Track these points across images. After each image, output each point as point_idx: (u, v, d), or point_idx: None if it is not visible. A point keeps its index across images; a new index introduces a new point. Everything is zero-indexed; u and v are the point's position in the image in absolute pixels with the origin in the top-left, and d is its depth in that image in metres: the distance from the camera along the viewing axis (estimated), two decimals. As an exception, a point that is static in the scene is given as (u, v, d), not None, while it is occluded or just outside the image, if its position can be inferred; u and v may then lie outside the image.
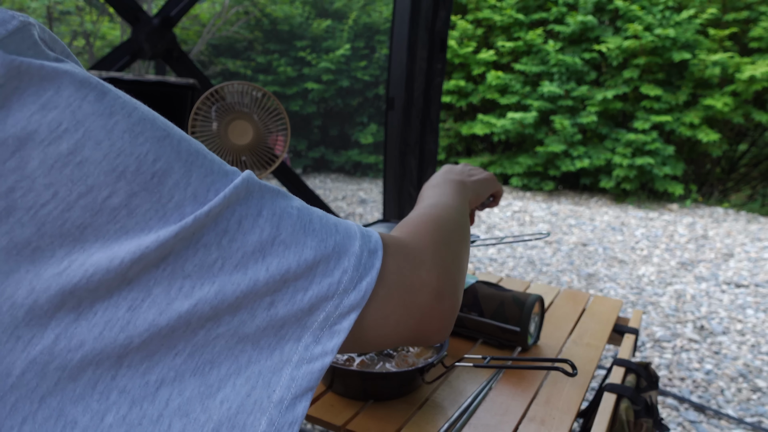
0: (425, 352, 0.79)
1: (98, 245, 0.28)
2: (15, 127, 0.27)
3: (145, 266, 0.29)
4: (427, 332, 0.41)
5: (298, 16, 6.96)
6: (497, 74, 6.28)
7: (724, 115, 5.46)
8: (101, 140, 0.29)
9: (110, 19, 6.71)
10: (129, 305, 0.29)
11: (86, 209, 0.28)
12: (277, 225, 0.33)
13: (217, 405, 0.30)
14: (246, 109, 1.18)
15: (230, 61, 6.95)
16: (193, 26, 6.90)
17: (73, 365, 0.28)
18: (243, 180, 0.33)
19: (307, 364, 0.33)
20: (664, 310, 2.90)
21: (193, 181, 0.31)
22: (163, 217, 0.30)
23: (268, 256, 0.32)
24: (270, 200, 0.34)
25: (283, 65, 6.78)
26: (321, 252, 0.34)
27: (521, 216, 4.92)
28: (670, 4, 5.76)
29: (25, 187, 0.27)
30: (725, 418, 1.97)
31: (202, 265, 0.30)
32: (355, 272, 0.36)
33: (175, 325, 0.29)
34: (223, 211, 0.31)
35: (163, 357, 0.29)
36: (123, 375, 0.29)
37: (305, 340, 0.33)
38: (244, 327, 0.31)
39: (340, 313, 0.34)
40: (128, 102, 0.31)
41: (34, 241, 0.27)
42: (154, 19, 2.46)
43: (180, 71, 2.61)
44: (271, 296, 0.32)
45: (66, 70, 0.29)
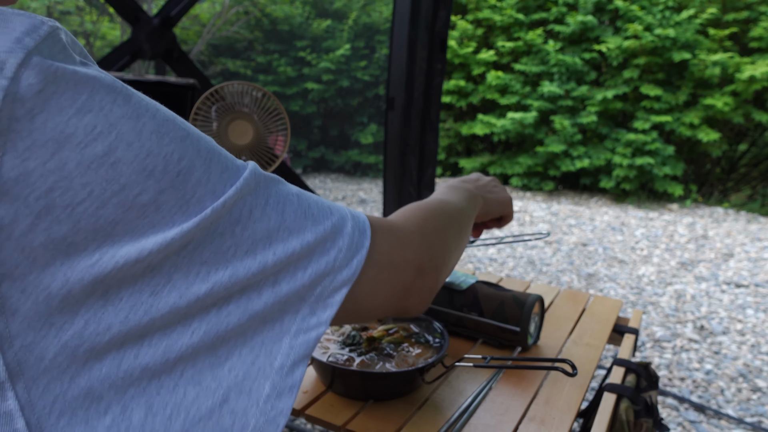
0: (425, 352, 0.79)
1: (127, 238, 0.30)
2: (54, 130, 0.28)
3: (167, 255, 0.31)
4: (408, 306, 0.46)
5: (298, 16, 6.96)
6: (497, 74, 6.28)
7: (724, 115, 5.46)
8: (132, 142, 0.30)
9: (110, 19, 6.70)
10: (152, 290, 0.31)
11: (119, 206, 0.30)
12: (282, 212, 0.36)
13: (225, 373, 0.33)
14: (246, 109, 1.18)
15: (230, 61, 6.95)
16: (193, 26, 6.90)
17: (100, 347, 0.30)
18: (251, 172, 0.36)
19: (303, 334, 0.36)
20: (664, 310, 2.90)
21: (212, 177, 0.34)
22: (186, 211, 0.32)
23: (275, 242, 0.35)
24: (274, 189, 0.37)
25: (283, 65, 6.78)
26: (319, 234, 0.38)
27: (521, 216, 4.92)
28: (670, 4, 5.76)
29: (64, 186, 0.28)
30: (725, 418, 1.97)
31: (217, 252, 0.33)
32: (348, 251, 0.39)
33: (193, 305, 0.32)
34: (237, 202, 0.34)
35: (181, 335, 0.32)
36: (145, 353, 0.31)
37: (302, 312, 0.36)
38: (252, 304, 0.34)
39: (333, 288, 0.38)
40: (150, 104, 0.33)
41: (70, 237, 0.29)
42: (154, 19, 2.46)
43: (180, 71, 2.61)
44: (275, 276, 0.35)
45: (95, 75, 0.31)
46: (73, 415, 0.29)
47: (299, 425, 1.76)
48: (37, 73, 0.28)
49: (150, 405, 0.31)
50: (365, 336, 0.81)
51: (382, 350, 0.78)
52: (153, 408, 0.31)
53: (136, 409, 0.31)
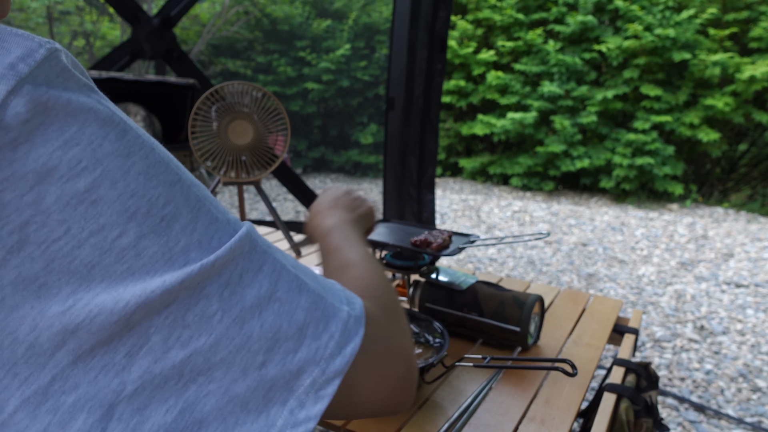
0: (425, 352, 0.79)
1: (104, 285, 0.28)
2: (36, 162, 0.27)
3: (148, 312, 0.29)
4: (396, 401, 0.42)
5: (298, 16, 6.96)
6: (497, 74, 6.28)
7: (724, 115, 5.46)
8: (117, 180, 0.29)
9: (110, 19, 6.71)
10: (127, 351, 0.28)
11: (96, 248, 0.28)
12: (275, 282, 0.34)
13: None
14: (246, 109, 1.18)
15: (230, 61, 6.95)
16: (193, 26, 6.90)
17: (65, 409, 0.27)
18: (246, 233, 0.33)
19: (291, 429, 0.32)
20: (664, 310, 2.90)
21: (199, 227, 0.31)
22: (169, 260, 0.30)
23: (264, 313, 0.32)
24: (270, 257, 0.34)
25: (283, 65, 6.78)
26: (312, 314, 0.35)
27: (521, 216, 4.92)
28: (670, 4, 5.76)
29: (39, 221, 0.27)
30: (725, 418, 1.97)
31: (202, 315, 0.30)
32: (341, 338, 0.36)
33: (168, 374, 0.29)
34: (227, 263, 0.31)
35: (154, 412, 0.29)
36: (113, 429, 0.28)
37: (290, 404, 0.33)
38: (234, 386, 0.31)
39: (325, 379, 0.34)
40: (146, 142, 0.31)
41: (42, 277, 0.27)
42: (154, 19, 2.46)
43: (180, 71, 2.61)
44: (263, 355, 0.32)
45: (91, 107, 0.29)
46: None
47: (299, 425, 1.76)
48: (27, 102, 0.27)
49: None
50: (365, 336, 0.81)
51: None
52: None
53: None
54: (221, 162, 1.18)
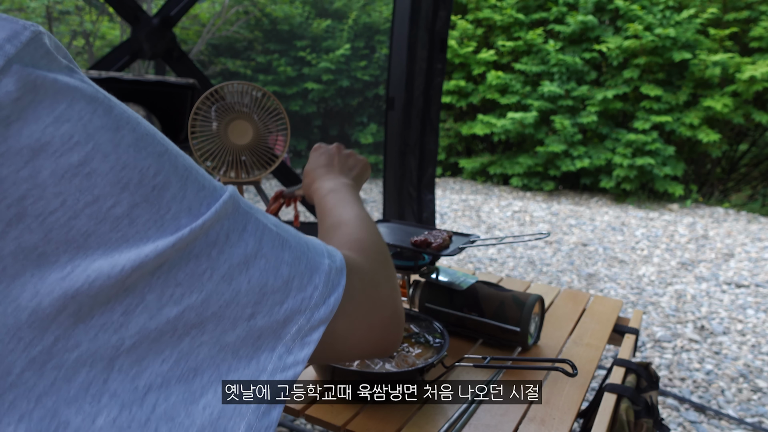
0: (425, 352, 0.79)
1: (100, 252, 0.30)
2: (30, 138, 0.28)
3: (143, 275, 0.30)
4: (384, 345, 0.46)
5: (298, 16, 6.96)
6: (497, 74, 6.28)
7: (725, 116, 5.46)
8: (109, 153, 0.30)
9: (110, 19, 6.71)
10: (124, 309, 0.30)
11: (91, 218, 0.29)
12: (260, 239, 0.36)
13: (199, 410, 0.32)
14: (246, 109, 1.18)
15: (230, 61, 6.95)
16: (193, 26, 6.90)
17: (68, 365, 0.29)
18: (230, 196, 0.35)
19: (280, 373, 0.35)
20: (665, 310, 2.90)
21: (188, 194, 0.33)
22: (161, 227, 0.31)
23: (251, 269, 0.35)
24: (253, 216, 0.37)
25: (283, 65, 6.78)
26: (296, 268, 0.37)
27: (521, 216, 4.92)
28: (671, 4, 5.75)
29: (36, 195, 0.28)
30: (726, 419, 1.96)
31: (192, 274, 0.32)
32: (324, 288, 0.39)
33: (163, 329, 0.31)
34: (214, 224, 0.33)
35: (152, 363, 0.31)
36: (114, 379, 0.30)
37: (279, 351, 0.36)
38: (225, 336, 0.33)
39: (310, 326, 0.37)
40: (132, 116, 0.33)
41: (41, 247, 0.28)
42: (154, 18, 2.46)
43: (180, 71, 2.61)
44: (252, 308, 0.34)
45: (76, 85, 0.31)
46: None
47: (299, 425, 1.76)
48: (16, 80, 0.28)
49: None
50: (365, 336, 0.81)
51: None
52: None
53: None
54: (221, 162, 1.18)
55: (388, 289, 0.47)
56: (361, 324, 0.43)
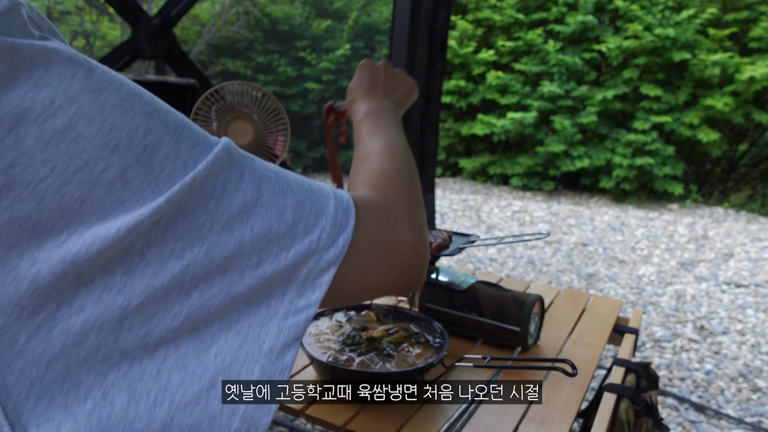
0: (425, 352, 0.79)
1: (96, 217, 0.29)
2: (10, 105, 0.28)
3: (140, 232, 0.30)
4: (406, 284, 0.45)
5: (298, 16, 6.96)
6: (497, 74, 6.28)
7: (724, 116, 5.46)
8: (93, 116, 0.30)
9: (110, 19, 6.70)
10: (125, 269, 0.30)
11: (83, 183, 0.29)
12: (258, 187, 0.35)
13: (211, 358, 0.32)
14: (246, 109, 1.18)
15: (230, 61, 6.95)
16: (193, 26, 6.90)
17: (75, 330, 0.29)
18: (223, 147, 0.35)
19: (292, 316, 0.35)
20: (664, 310, 2.90)
21: (182, 152, 0.32)
22: (156, 188, 0.31)
23: (252, 217, 0.34)
24: (249, 165, 0.36)
25: (283, 65, 6.78)
26: (300, 212, 0.36)
27: (521, 216, 4.92)
28: (670, 4, 5.76)
29: (24, 163, 0.28)
30: (725, 418, 1.97)
31: (191, 227, 0.32)
32: (332, 230, 0.38)
33: (170, 285, 0.31)
34: (209, 176, 0.33)
35: (162, 320, 0.31)
36: (124, 338, 0.30)
37: (290, 295, 0.35)
38: (234, 287, 0.33)
39: (320, 269, 0.37)
40: (115, 77, 0.32)
41: (35, 215, 0.28)
42: (154, 19, 2.46)
43: (180, 71, 2.61)
44: (258, 256, 0.34)
45: (54, 48, 0.30)
46: (51, 400, 0.29)
47: (299, 425, 1.76)
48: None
49: (132, 391, 0.31)
50: (365, 336, 0.81)
51: (382, 350, 0.78)
52: (136, 394, 0.31)
53: (118, 394, 0.30)
54: (221, 162, 1.18)
55: (406, 228, 0.45)
56: (377, 264, 0.42)
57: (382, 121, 0.62)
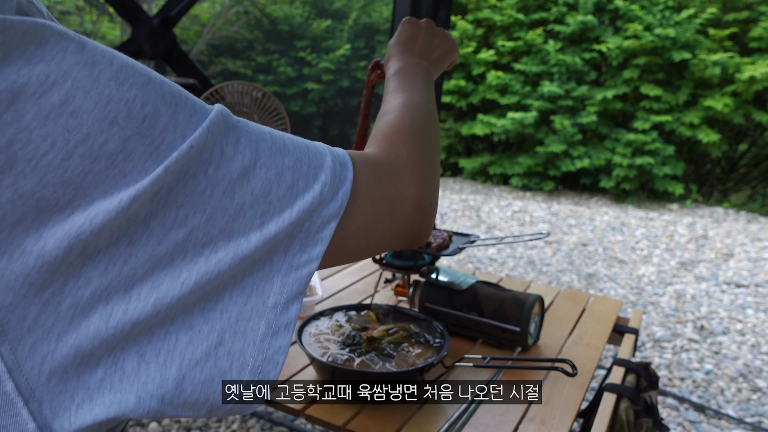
0: (425, 352, 0.79)
1: (99, 191, 0.29)
2: (5, 81, 0.28)
3: (142, 203, 0.30)
4: (410, 238, 0.45)
5: (298, 16, 6.96)
6: (497, 74, 6.28)
7: (724, 116, 5.46)
8: (89, 89, 0.29)
9: (110, 19, 6.71)
10: (129, 240, 0.30)
11: (85, 156, 0.29)
12: (255, 149, 0.35)
13: (217, 315, 0.33)
14: (246, 109, 1.18)
15: (230, 61, 6.95)
16: (193, 26, 6.90)
17: (84, 302, 0.29)
18: (218, 112, 0.34)
19: (295, 271, 0.35)
20: (664, 310, 2.90)
21: (181, 121, 0.32)
22: (157, 158, 0.31)
23: (251, 180, 0.34)
24: (244, 128, 0.36)
25: (283, 65, 6.78)
26: (298, 171, 0.37)
27: (521, 216, 4.92)
28: (670, 4, 5.76)
29: (24, 139, 0.28)
30: (725, 418, 1.97)
31: (192, 194, 0.32)
32: (332, 184, 0.38)
33: (174, 253, 0.31)
34: (206, 142, 0.33)
35: (171, 287, 0.31)
36: (134, 308, 0.30)
37: (292, 250, 0.36)
38: (240, 249, 0.33)
39: (321, 222, 0.37)
40: (107, 50, 0.32)
41: (38, 192, 0.28)
42: (154, 19, 2.46)
43: (180, 71, 2.61)
44: (261, 218, 0.34)
45: (43, 23, 0.30)
46: (63, 374, 0.29)
47: (299, 425, 1.76)
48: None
49: (142, 353, 0.31)
50: (365, 336, 0.81)
51: (382, 350, 0.78)
52: (145, 356, 0.31)
53: (128, 359, 0.31)
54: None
55: (410, 183, 0.44)
56: (381, 219, 0.42)
57: (411, 78, 0.60)
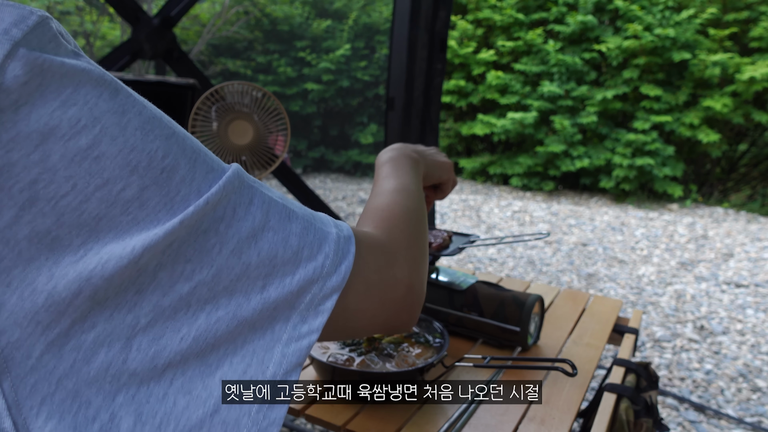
0: (425, 352, 0.79)
1: (111, 235, 0.30)
2: (38, 122, 0.28)
3: (154, 254, 0.31)
4: (397, 324, 0.46)
5: (298, 16, 6.96)
6: (497, 74, 6.28)
7: (724, 116, 5.46)
8: (116, 136, 0.30)
9: (110, 19, 6.71)
10: (136, 289, 0.31)
11: (102, 201, 0.30)
12: (266, 212, 0.36)
13: (216, 382, 0.33)
14: (246, 109, 1.18)
15: (230, 61, 6.95)
16: (193, 26, 6.90)
17: (86, 346, 0.30)
18: (234, 171, 0.35)
19: (295, 342, 0.36)
20: (664, 310, 2.90)
21: (197, 176, 0.33)
22: (171, 210, 0.32)
23: (259, 242, 0.35)
24: (258, 190, 0.37)
25: (283, 65, 6.78)
26: (304, 238, 0.37)
27: (521, 216, 4.92)
28: (670, 4, 5.76)
29: (47, 179, 0.28)
30: (725, 418, 1.97)
31: (202, 250, 0.32)
32: (335, 256, 0.38)
33: (177, 306, 0.32)
34: (221, 200, 0.33)
35: (170, 341, 0.31)
36: (133, 359, 0.31)
37: (293, 320, 0.36)
38: (240, 310, 0.34)
39: (323, 295, 0.37)
40: (138, 100, 0.33)
41: (54, 231, 0.29)
42: (154, 19, 2.46)
43: (180, 71, 2.61)
44: (263, 280, 0.35)
45: (83, 68, 0.30)
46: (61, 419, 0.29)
47: (299, 425, 1.76)
48: (24, 65, 0.28)
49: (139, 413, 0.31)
50: (365, 336, 0.81)
51: (382, 350, 0.78)
52: (142, 417, 0.31)
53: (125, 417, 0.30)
54: (221, 162, 1.18)
55: (404, 267, 0.45)
56: (372, 302, 0.42)
57: (401, 167, 0.63)
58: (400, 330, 0.47)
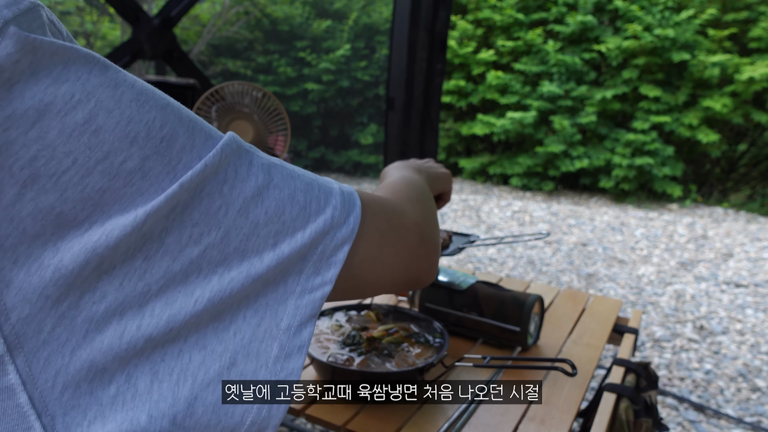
0: (425, 352, 0.79)
1: (116, 208, 0.30)
2: (33, 99, 0.29)
3: (158, 219, 0.31)
4: (417, 273, 0.46)
5: (298, 16, 6.96)
6: (497, 74, 6.28)
7: (724, 116, 5.46)
8: (112, 109, 0.31)
9: (110, 20, 6.71)
10: (144, 256, 0.31)
11: (104, 174, 0.30)
12: (268, 171, 0.36)
13: (230, 336, 0.33)
14: (246, 109, 1.18)
15: (230, 61, 6.95)
16: (193, 26, 6.90)
17: (98, 317, 0.30)
18: (230, 137, 0.36)
19: (308, 294, 0.36)
20: (664, 310, 2.90)
21: (197, 143, 0.34)
22: (174, 178, 0.32)
23: (265, 200, 0.35)
24: (256, 153, 0.37)
25: (283, 65, 6.78)
26: (310, 194, 0.38)
27: (521, 216, 4.92)
28: (670, 5, 5.76)
29: (47, 155, 0.29)
30: (725, 418, 1.97)
31: (207, 212, 0.33)
32: (342, 208, 0.39)
33: (188, 270, 0.32)
34: (221, 162, 0.34)
35: (184, 304, 0.32)
36: (147, 324, 0.31)
37: (306, 273, 0.36)
38: (253, 269, 0.34)
39: (334, 246, 0.38)
40: (128, 75, 0.33)
41: (58, 206, 0.29)
42: (155, 19, 2.46)
43: (180, 71, 2.62)
44: (274, 237, 0.35)
45: (71, 47, 0.31)
46: (77, 388, 0.30)
47: (299, 425, 1.76)
48: (15, 42, 0.28)
49: (155, 372, 0.31)
50: (365, 336, 0.81)
51: (382, 350, 0.78)
52: (158, 374, 0.31)
53: (141, 376, 0.31)
54: (221, 162, 1.18)
55: (415, 217, 0.46)
56: (388, 251, 0.43)
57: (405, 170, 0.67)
58: (424, 280, 0.47)
